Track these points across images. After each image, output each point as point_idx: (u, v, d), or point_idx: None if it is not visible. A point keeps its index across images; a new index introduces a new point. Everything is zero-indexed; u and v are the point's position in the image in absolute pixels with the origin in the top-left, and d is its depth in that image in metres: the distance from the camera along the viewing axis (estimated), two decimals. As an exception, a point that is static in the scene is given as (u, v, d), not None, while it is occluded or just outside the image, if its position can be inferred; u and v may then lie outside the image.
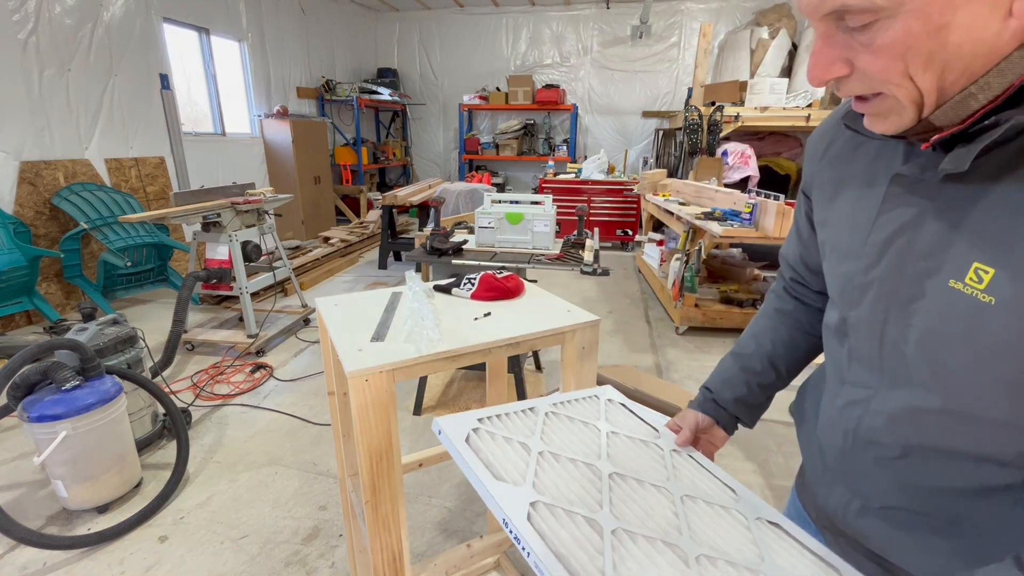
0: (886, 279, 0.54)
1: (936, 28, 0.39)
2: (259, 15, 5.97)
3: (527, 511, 0.61)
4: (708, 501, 0.69)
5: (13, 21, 3.56)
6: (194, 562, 1.74)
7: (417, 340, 0.94)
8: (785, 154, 7.15)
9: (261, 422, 2.57)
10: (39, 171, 3.73)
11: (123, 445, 1.98)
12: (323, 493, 2.07)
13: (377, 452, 0.89)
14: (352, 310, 1.13)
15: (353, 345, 0.93)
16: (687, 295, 3.67)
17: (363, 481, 0.90)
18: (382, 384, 0.86)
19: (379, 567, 0.97)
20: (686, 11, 7.21)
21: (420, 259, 2.38)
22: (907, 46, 0.40)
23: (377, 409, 0.87)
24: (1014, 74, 0.39)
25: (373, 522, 0.93)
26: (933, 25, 0.38)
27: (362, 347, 0.93)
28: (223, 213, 3.25)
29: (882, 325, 0.55)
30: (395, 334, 0.99)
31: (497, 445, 0.72)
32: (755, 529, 0.68)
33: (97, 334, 2.11)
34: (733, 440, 2.38)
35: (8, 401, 1.78)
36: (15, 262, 3.22)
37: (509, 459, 0.70)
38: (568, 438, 0.77)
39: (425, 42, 8.26)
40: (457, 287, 1.22)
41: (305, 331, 3.72)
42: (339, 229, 6.24)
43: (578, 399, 0.88)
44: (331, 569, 1.71)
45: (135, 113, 4.52)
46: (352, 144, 7.41)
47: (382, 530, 0.94)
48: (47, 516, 1.92)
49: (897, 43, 0.40)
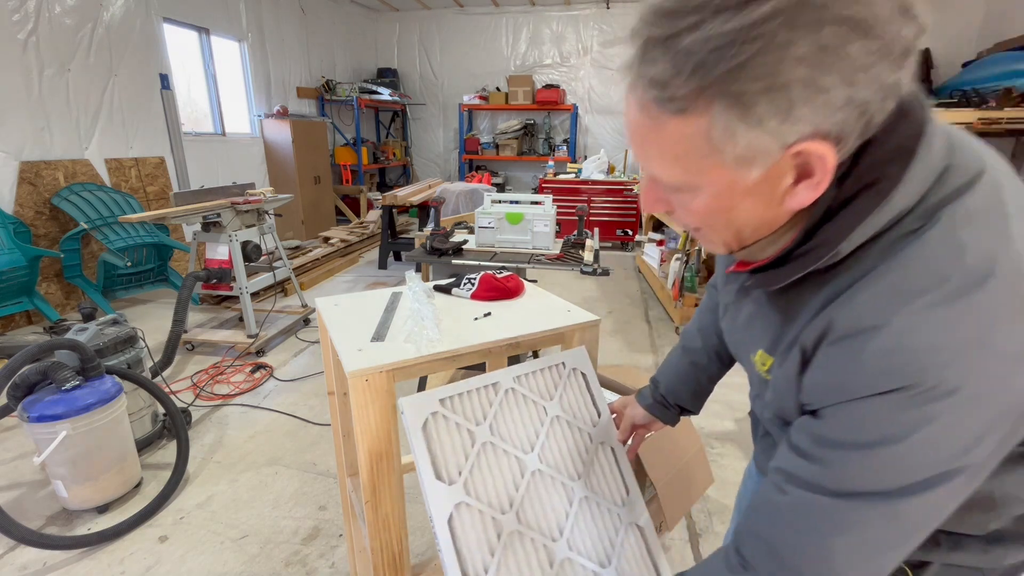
0: (735, 345, 0.74)
1: (727, 208, 0.50)
2: (259, 15, 5.97)
3: (450, 513, 0.74)
4: (599, 503, 0.86)
5: (13, 21, 3.56)
6: (194, 562, 1.74)
7: (417, 340, 0.94)
8: (785, 154, 7.15)
9: (261, 422, 2.57)
10: (39, 171, 3.73)
11: (123, 445, 1.98)
12: (323, 493, 2.07)
13: (377, 452, 0.89)
14: (352, 310, 1.12)
15: (353, 345, 0.93)
16: (687, 295, 3.67)
17: (363, 481, 0.90)
18: (382, 384, 0.86)
19: (379, 567, 0.97)
20: (686, 11, 7.21)
21: (420, 259, 2.38)
22: (707, 213, 0.51)
23: (377, 409, 0.87)
24: (788, 238, 0.53)
25: (373, 522, 0.93)
26: (724, 206, 0.50)
27: (362, 347, 0.93)
28: (223, 213, 3.25)
29: None
30: (395, 334, 0.98)
31: (448, 433, 0.81)
32: (623, 533, 0.84)
33: (97, 334, 2.11)
34: (732, 439, 2.39)
35: (8, 401, 1.78)
36: (15, 262, 3.22)
37: (455, 450, 0.80)
38: (514, 424, 0.87)
39: (425, 42, 8.26)
40: (457, 287, 1.22)
41: (305, 331, 3.72)
42: (339, 229, 6.24)
43: (544, 368, 0.93)
44: (331, 569, 1.71)
45: (135, 113, 4.52)
46: (352, 144, 7.41)
47: (382, 530, 0.94)
48: (47, 516, 1.92)
49: (699, 211, 0.51)
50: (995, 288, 0.42)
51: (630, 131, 0.52)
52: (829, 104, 0.41)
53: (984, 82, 5.62)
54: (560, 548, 0.77)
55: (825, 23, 0.38)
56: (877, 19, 0.39)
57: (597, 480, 0.88)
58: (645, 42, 0.44)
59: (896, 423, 0.44)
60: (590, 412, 0.94)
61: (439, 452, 0.78)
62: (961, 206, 0.45)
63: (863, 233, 0.47)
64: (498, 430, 0.84)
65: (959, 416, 0.43)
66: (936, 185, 0.46)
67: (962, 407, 0.43)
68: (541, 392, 0.91)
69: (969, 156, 0.48)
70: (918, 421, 0.44)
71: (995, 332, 0.42)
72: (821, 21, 0.38)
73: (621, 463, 0.91)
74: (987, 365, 0.42)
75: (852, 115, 0.42)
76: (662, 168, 0.50)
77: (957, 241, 0.44)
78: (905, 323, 0.43)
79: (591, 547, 0.80)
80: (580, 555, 0.78)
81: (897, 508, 0.46)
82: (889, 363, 0.44)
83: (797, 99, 0.40)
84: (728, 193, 0.48)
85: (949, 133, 0.49)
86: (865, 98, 0.41)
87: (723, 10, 0.39)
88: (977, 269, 0.42)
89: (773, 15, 0.38)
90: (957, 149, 0.48)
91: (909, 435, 0.44)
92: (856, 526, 0.47)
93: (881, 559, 0.49)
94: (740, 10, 0.39)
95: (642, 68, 0.45)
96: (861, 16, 0.38)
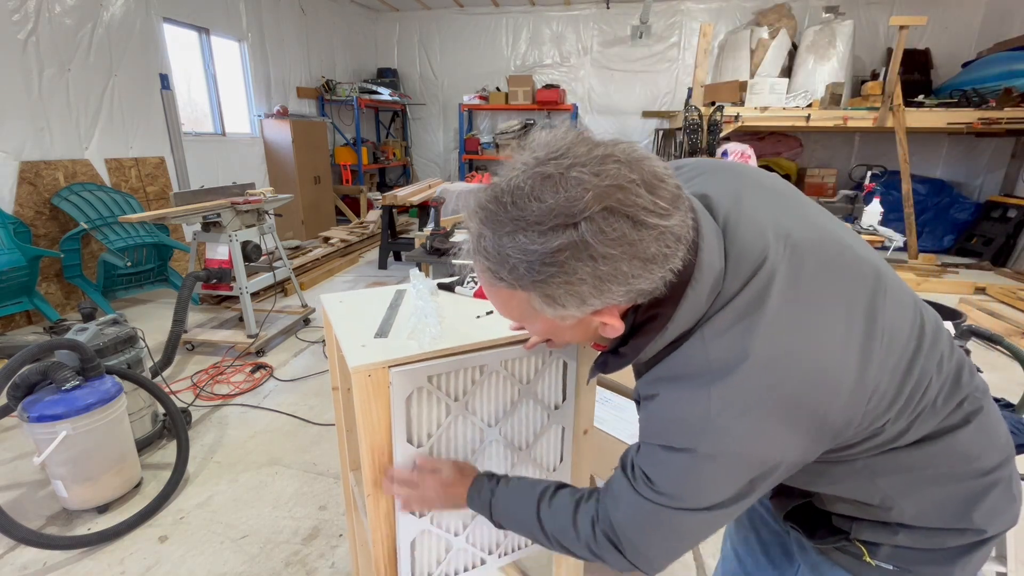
0: None
1: (558, 337, 0.68)
2: (259, 15, 5.97)
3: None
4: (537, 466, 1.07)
5: (13, 21, 3.56)
6: (194, 562, 1.74)
7: (420, 337, 0.94)
8: (785, 154, 7.15)
9: (261, 422, 2.57)
10: (39, 171, 3.73)
11: (123, 445, 1.97)
12: (323, 493, 2.06)
13: (379, 446, 0.90)
14: (357, 307, 1.13)
15: (357, 341, 0.94)
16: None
17: (365, 475, 0.91)
18: (384, 379, 0.87)
19: (380, 560, 0.98)
20: (686, 11, 7.21)
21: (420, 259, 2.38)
22: (539, 334, 0.72)
23: (379, 404, 0.87)
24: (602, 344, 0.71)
25: (375, 516, 0.94)
26: (556, 336, 0.68)
27: (366, 343, 0.93)
28: (223, 213, 3.24)
29: None
30: (398, 331, 0.99)
31: (428, 405, 0.92)
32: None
33: (97, 334, 2.10)
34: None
35: (8, 401, 1.78)
36: (15, 262, 3.22)
37: (429, 419, 0.92)
38: (488, 400, 0.98)
39: (425, 42, 8.26)
40: (460, 285, 1.23)
41: (305, 331, 3.72)
42: (339, 229, 6.24)
43: (532, 355, 1.00)
44: (331, 569, 1.71)
45: (135, 113, 4.52)
46: (352, 144, 7.41)
47: (383, 523, 0.95)
48: (47, 516, 1.92)
49: (540, 334, 0.71)
50: (724, 385, 0.56)
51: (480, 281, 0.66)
52: (613, 295, 0.55)
53: (984, 82, 5.62)
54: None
55: (597, 259, 0.51)
56: (639, 249, 0.52)
57: (541, 450, 1.08)
58: (480, 230, 0.56)
59: (664, 466, 0.61)
60: (557, 397, 1.05)
61: (415, 419, 0.91)
62: (714, 322, 0.58)
63: (653, 351, 0.62)
64: (472, 405, 0.95)
65: (708, 470, 0.58)
66: (714, 302, 0.59)
67: (706, 464, 0.58)
68: (521, 376, 1.00)
69: (746, 247, 0.59)
70: (678, 468, 0.60)
71: (720, 416, 0.56)
72: (594, 257, 0.51)
73: (565, 444, 1.09)
74: (717, 438, 0.56)
75: (635, 296, 0.56)
76: (504, 311, 0.65)
77: (705, 353, 0.58)
78: (666, 398, 0.61)
79: None
80: None
81: (682, 519, 0.62)
82: (662, 426, 0.62)
83: (587, 296, 0.54)
84: (555, 331, 0.65)
85: (727, 220, 0.61)
86: (641, 287, 0.55)
87: (531, 229, 0.52)
88: (713, 371, 0.57)
89: (562, 249, 0.51)
90: (734, 246, 0.60)
91: (677, 476, 0.60)
92: (664, 523, 0.64)
93: (677, 544, 0.66)
94: (543, 236, 0.51)
95: (476, 255, 0.58)
96: (624, 252, 0.51)
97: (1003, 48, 5.85)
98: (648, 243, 0.52)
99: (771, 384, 0.55)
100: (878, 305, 0.60)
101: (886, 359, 0.58)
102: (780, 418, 0.55)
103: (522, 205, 0.52)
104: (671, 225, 0.53)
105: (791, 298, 0.57)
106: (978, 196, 6.55)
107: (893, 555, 0.70)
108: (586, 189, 0.50)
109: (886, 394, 0.59)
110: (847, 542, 0.73)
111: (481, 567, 1.07)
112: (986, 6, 6.37)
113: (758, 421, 0.55)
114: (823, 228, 0.64)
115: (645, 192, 0.51)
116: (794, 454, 0.58)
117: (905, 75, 5.72)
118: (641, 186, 0.51)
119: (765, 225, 0.61)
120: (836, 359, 0.56)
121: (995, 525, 0.67)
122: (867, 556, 0.71)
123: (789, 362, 0.55)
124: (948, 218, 6.32)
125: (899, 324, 0.61)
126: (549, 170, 0.52)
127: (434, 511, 0.95)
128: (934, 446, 0.64)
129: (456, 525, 1.01)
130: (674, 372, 0.60)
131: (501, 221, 0.53)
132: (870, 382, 0.57)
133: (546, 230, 0.51)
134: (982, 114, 5.16)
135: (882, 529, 0.69)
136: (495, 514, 0.81)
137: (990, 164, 6.50)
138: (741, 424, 0.55)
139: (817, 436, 0.58)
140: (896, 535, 0.69)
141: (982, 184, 6.58)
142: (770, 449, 0.57)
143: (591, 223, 0.50)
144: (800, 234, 0.61)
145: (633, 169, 0.52)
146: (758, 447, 0.57)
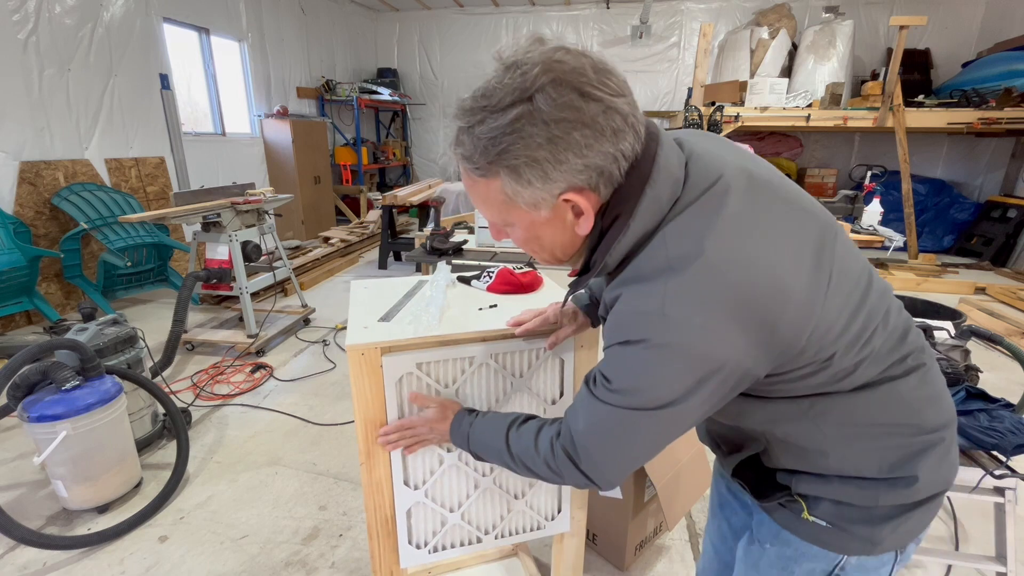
0: None
1: (536, 236, 0.70)
2: (259, 15, 5.97)
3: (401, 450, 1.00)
4: None
5: (13, 21, 3.56)
6: (194, 562, 1.74)
7: (416, 323, 1.02)
8: (785, 154, 7.15)
9: (261, 422, 2.57)
10: (39, 171, 3.73)
11: (123, 445, 1.97)
12: (323, 493, 2.07)
13: (371, 419, 0.97)
14: (377, 293, 1.25)
15: (361, 323, 1.03)
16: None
17: (359, 446, 0.98)
18: (376, 358, 0.94)
19: (373, 527, 1.05)
20: (686, 11, 7.21)
21: (420, 259, 2.39)
22: (526, 240, 0.72)
23: (371, 380, 0.95)
24: (583, 254, 0.72)
25: (368, 484, 1.01)
26: (534, 235, 0.70)
27: (368, 325, 1.02)
28: (223, 213, 3.24)
29: None
30: (403, 317, 1.06)
31: (417, 388, 0.98)
32: None
33: (97, 334, 2.10)
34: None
35: (8, 401, 1.78)
36: (15, 262, 3.22)
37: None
38: (480, 389, 1.02)
39: (425, 42, 8.26)
40: (477, 279, 1.32)
41: (305, 331, 3.72)
42: (339, 229, 6.24)
43: (524, 350, 1.03)
44: (331, 569, 1.71)
45: (135, 113, 4.52)
46: (352, 144, 7.41)
47: (375, 492, 1.03)
48: (47, 516, 1.92)
49: (521, 238, 0.72)
50: (680, 279, 0.59)
51: (464, 186, 0.72)
52: (572, 169, 0.60)
53: (984, 82, 5.62)
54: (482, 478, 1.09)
55: (549, 123, 0.57)
56: (587, 117, 0.58)
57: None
58: (458, 129, 0.64)
59: (620, 360, 0.64)
60: (554, 391, 1.08)
61: (407, 400, 0.98)
62: (675, 223, 0.62)
63: (619, 252, 0.66)
64: (463, 393, 1.01)
65: (659, 360, 0.61)
66: (673, 206, 0.63)
67: (657, 354, 0.60)
68: (514, 370, 1.04)
69: (707, 167, 0.64)
70: (632, 360, 0.63)
71: (673, 307, 0.59)
72: (546, 122, 0.58)
73: None
74: (668, 328, 0.59)
75: (593, 174, 0.61)
76: (486, 211, 0.71)
77: (665, 250, 0.62)
78: (627, 296, 0.64)
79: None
80: None
81: (635, 419, 0.65)
82: (620, 322, 0.64)
83: (548, 167, 0.60)
84: (532, 226, 0.68)
85: (692, 151, 0.67)
86: (598, 163, 0.60)
87: (495, 111, 0.59)
88: (671, 268, 0.60)
89: (519, 118, 0.58)
90: (696, 166, 0.65)
91: (631, 369, 0.63)
92: (616, 425, 0.67)
93: (629, 451, 0.69)
94: (504, 112, 0.59)
95: (456, 147, 0.65)
96: (574, 117, 0.57)
97: (1003, 48, 5.85)
98: (596, 114, 0.58)
99: (724, 282, 0.58)
100: (827, 242, 0.64)
101: (836, 289, 0.63)
102: (730, 315, 0.58)
103: (489, 94, 0.60)
104: (618, 103, 0.59)
105: (748, 208, 0.62)
106: (978, 196, 6.55)
107: (829, 512, 0.73)
108: (536, 65, 0.58)
109: (835, 324, 0.62)
110: (789, 498, 0.76)
111: (477, 544, 1.13)
112: (986, 6, 6.37)
113: (709, 315, 0.58)
114: (791, 186, 0.69)
115: (592, 73, 0.58)
116: (742, 357, 0.60)
117: (905, 75, 5.73)
118: (589, 69, 0.58)
119: (728, 161, 0.66)
120: (787, 269, 0.60)
121: (928, 481, 0.69)
122: (806, 512, 0.74)
123: (743, 262, 0.59)
124: (948, 218, 6.32)
125: (848, 266, 0.65)
126: (510, 63, 0.60)
127: (428, 446, 1.03)
128: (875, 392, 0.67)
129: (451, 502, 1.08)
130: (637, 272, 0.64)
131: (473, 111, 0.61)
132: (818, 302, 0.61)
133: (506, 106, 0.59)
134: (982, 114, 5.16)
135: (819, 481, 0.73)
136: (472, 444, 0.87)
137: (990, 164, 6.50)
138: (693, 317, 0.58)
139: (766, 346, 0.60)
140: (832, 485, 0.72)
141: (982, 184, 6.58)
142: (719, 345, 0.59)
143: (543, 93, 0.57)
144: (761, 174, 0.66)
145: (584, 57, 0.59)
146: (707, 341, 0.59)
